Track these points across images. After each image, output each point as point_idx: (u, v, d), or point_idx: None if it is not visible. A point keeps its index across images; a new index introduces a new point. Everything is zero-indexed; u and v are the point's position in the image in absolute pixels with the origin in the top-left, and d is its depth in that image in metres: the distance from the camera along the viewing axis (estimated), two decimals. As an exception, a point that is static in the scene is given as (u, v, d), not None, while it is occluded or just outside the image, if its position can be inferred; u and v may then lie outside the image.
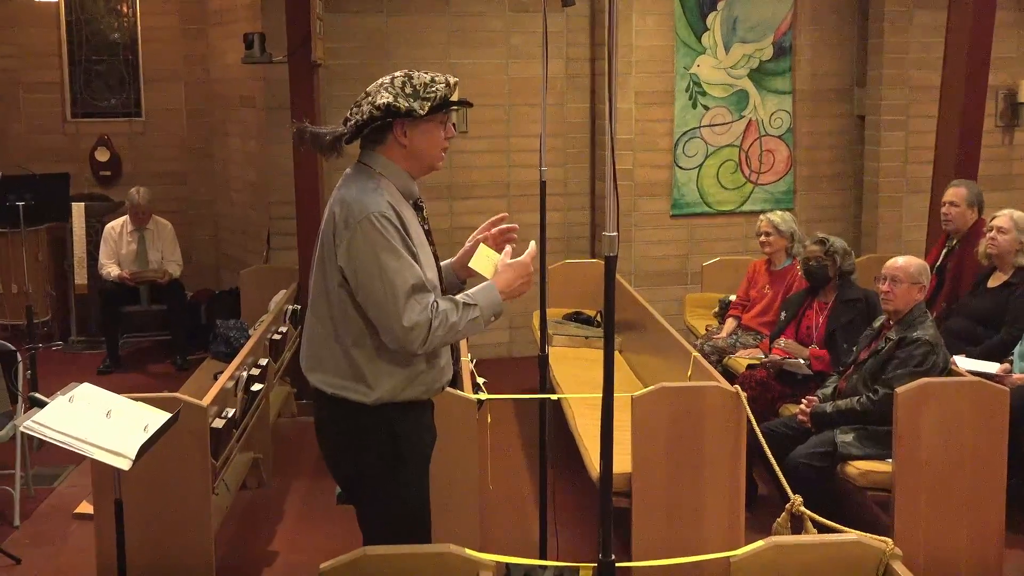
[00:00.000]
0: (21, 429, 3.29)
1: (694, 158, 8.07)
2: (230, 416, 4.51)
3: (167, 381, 7.27)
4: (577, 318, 7.10)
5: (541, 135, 4.45)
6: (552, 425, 4.63)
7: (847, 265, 5.48)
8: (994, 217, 5.42)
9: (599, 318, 6.97)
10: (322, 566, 3.01)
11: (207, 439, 4.16)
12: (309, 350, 3.10)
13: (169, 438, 3.61)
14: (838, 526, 3.64)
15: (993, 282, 5.43)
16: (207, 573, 4.19)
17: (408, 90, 2.97)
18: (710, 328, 6.61)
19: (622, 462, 4.16)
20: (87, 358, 8.12)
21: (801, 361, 5.31)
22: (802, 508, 3.87)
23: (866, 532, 3.36)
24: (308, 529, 5.10)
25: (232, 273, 8.33)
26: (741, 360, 5.84)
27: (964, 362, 4.95)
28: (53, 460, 5.71)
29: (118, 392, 3.58)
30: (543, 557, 4.38)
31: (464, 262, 3.22)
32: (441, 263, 3.21)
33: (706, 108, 8.03)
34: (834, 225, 8.03)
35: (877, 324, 4.94)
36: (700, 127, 8.04)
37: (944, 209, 5.88)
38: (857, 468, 4.51)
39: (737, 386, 4.31)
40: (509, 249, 3.16)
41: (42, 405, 3.32)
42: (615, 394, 2.59)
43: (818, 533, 3.68)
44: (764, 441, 4.26)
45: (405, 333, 2.89)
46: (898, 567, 3.17)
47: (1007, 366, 4.95)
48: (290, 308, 6.65)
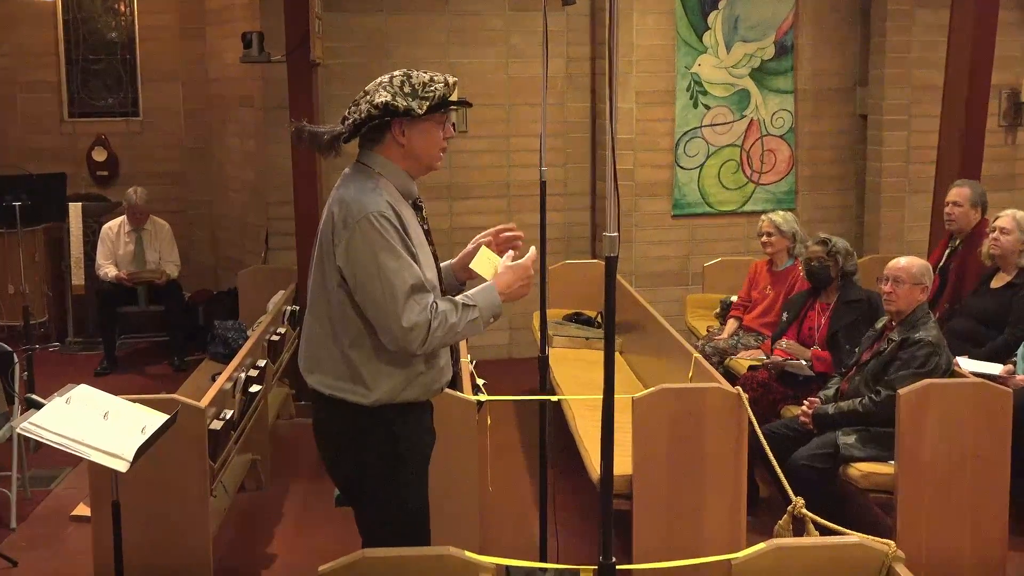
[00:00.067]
0: (18, 431, 3.29)
1: (695, 158, 8.07)
2: (228, 418, 4.51)
3: (165, 382, 7.27)
4: (577, 319, 7.10)
5: (541, 135, 4.45)
6: (552, 427, 4.63)
7: (849, 266, 5.48)
8: (997, 218, 5.42)
9: (599, 319, 6.97)
10: (321, 569, 3.00)
11: (205, 441, 4.16)
12: (307, 351, 3.10)
13: (167, 440, 3.61)
14: (840, 528, 3.63)
15: (996, 283, 5.43)
16: (205, 576, 4.20)
17: (407, 89, 2.98)
18: (711, 329, 6.61)
19: (623, 464, 4.16)
20: (84, 359, 8.12)
21: (803, 362, 5.31)
22: (804, 510, 3.86)
23: (868, 534, 3.36)
24: (307, 531, 5.10)
25: (230, 274, 8.33)
26: (742, 361, 5.84)
27: (967, 363, 4.95)
28: (50, 462, 5.71)
29: (115, 393, 3.59)
30: (543, 559, 4.38)
31: (465, 263, 3.22)
32: (441, 264, 3.22)
33: (707, 108, 8.03)
34: (836, 225, 8.03)
35: (879, 325, 4.94)
36: (701, 127, 8.04)
37: (947, 209, 5.88)
38: (859, 470, 4.51)
39: (738, 387, 4.31)
40: (511, 253, 3.17)
41: (39, 407, 3.32)
42: (616, 395, 2.59)
43: (820, 535, 3.68)
44: (765, 443, 4.26)
45: (404, 333, 2.89)
46: (900, 570, 3.17)
47: (1010, 367, 4.95)
48: (289, 309, 6.65)
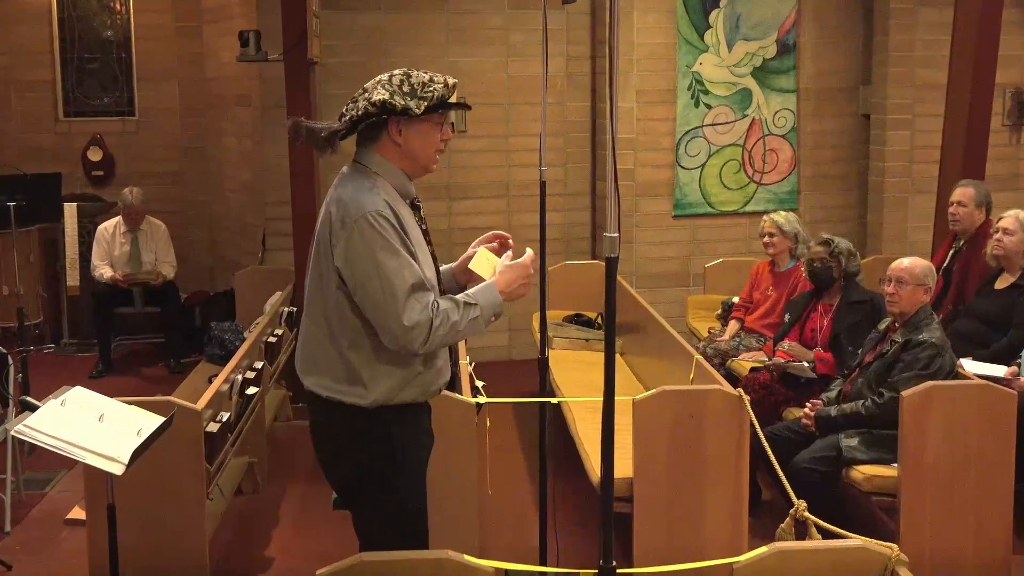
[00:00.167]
0: (12, 433, 3.29)
1: (696, 158, 8.07)
2: (225, 420, 4.51)
3: (161, 384, 7.27)
4: (578, 320, 7.10)
5: (541, 134, 4.45)
6: (552, 429, 4.63)
7: (852, 266, 5.48)
8: (1000, 218, 5.42)
9: (600, 320, 6.97)
10: (318, 572, 3.00)
11: (201, 443, 4.16)
12: (304, 353, 3.10)
13: (163, 442, 3.61)
14: (843, 531, 3.63)
15: (1000, 284, 5.43)
16: (201, 579, 4.20)
17: (406, 88, 2.98)
18: (713, 330, 6.61)
19: (623, 466, 4.16)
20: (79, 361, 8.12)
21: (805, 364, 5.32)
22: (806, 513, 3.86)
23: (871, 538, 3.36)
24: (304, 535, 5.10)
25: (227, 274, 8.33)
26: (744, 363, 5.84)
27: (971, 365, 4.95)
28: (45, 465, 5.71)
29: (111, 395, 3.59)
30: (543, 563, 4.37)
31: (465, 267, 3.23)
32: (442, 267, 3.23)
33: (708, 107, 8.03)
34: (839, 226, 8.02)
35: (882, 326, 4.94)
36: (702, 126, 8.04)
37: (952, 209, 5.87)
38: (862, 472, 4.51)
39: (740, 389, 4.32)
40: (510, 252, 3.18)
41: (33, 409, 3.32)
42: (616, 397, 2.59)
43: (822, 539, 3.68)
44: (767, 445, 4.26)
45: (405, 333, 2.89)
46: (904, 573, 3.17)
47: (1015, 369, 4.95)
48: (286, 310, 6.65)
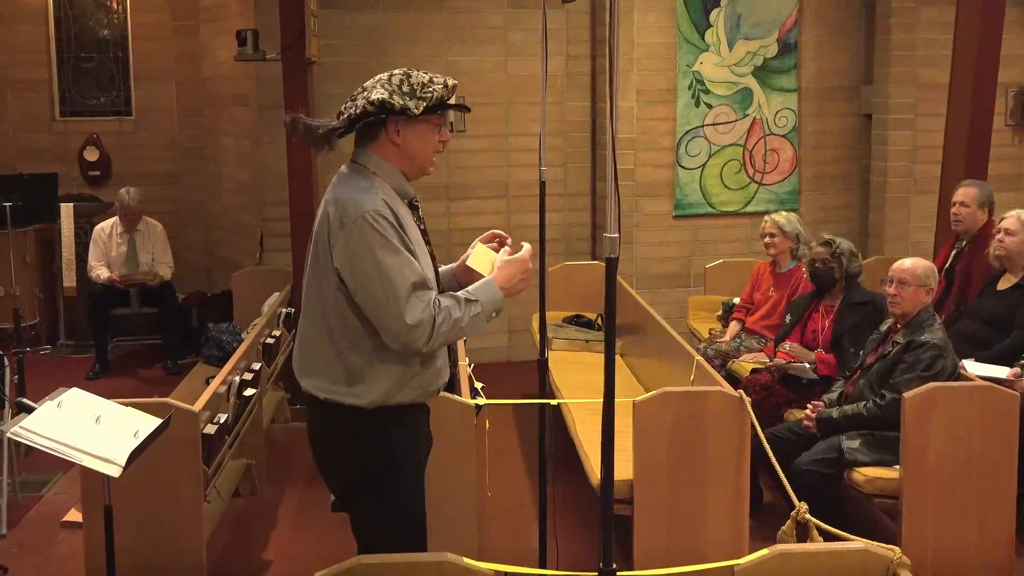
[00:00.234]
0: (8, 435, 3.28)
1: (697, 157, 8.07)
2: (222, 422, 4.51)
3: (158, 386, 7.27)
4: (577, 321, 7.10)
5: (540, 134, 4.45)
6: (552, 431, 4.63)
7: (853, 267, 5.49)
8: (1002, 219, 5.42)
9: (600, 321, 6.97)
10: (316, 575, 3.00)
11: (199, 445, 4.16)
12: (302, 354, 3.10)
13: (160, 444, 3.61)
14: (844, 534, 3.64)
15: (1003, 284, 5.43)
16: (198, 582, 4.20)
17: (405, 88, 2.98)
18: (713, 331, 6.61)
19: (623, 468, 4.16)
20: (76, 362, 8.11)
21: (807, 365, 5.32)
22: (807, 515, 3.87)
23: (873, 540, 3.36)
24: (302, 537, 5.10)
25: (224, 275, 8.33)
26: (745, 364, 5.84)
27: (973, 366, 4.95)
28: (41, 467, 5.71)
29: (107, 397, 3.59)
30: (543, 566, 4.37)
31: (465, 266, 3.23)
32: (442, 268, 3.23)
33: (709, 106, 8.04)
34: (840, 226, 8.02)
35: (884, 327, 4.94)
36: (703, 126, 8.04)
37: (954, 210, 5.88)
38: (864, 475, 4.51)
39: (741, 391, 4.31)
40: (507, 248, 3.18)
41: (30, 410, 3.32)
42: (616, 399, 2.59)
43: (824, 541, 3.68)
44: (768, 447, 4.26)
45: (408, 331, 2.89)
46: (905, 576, 3.18)
47: (1017, 370, 4.95)
48: (284, 311, 6.65)
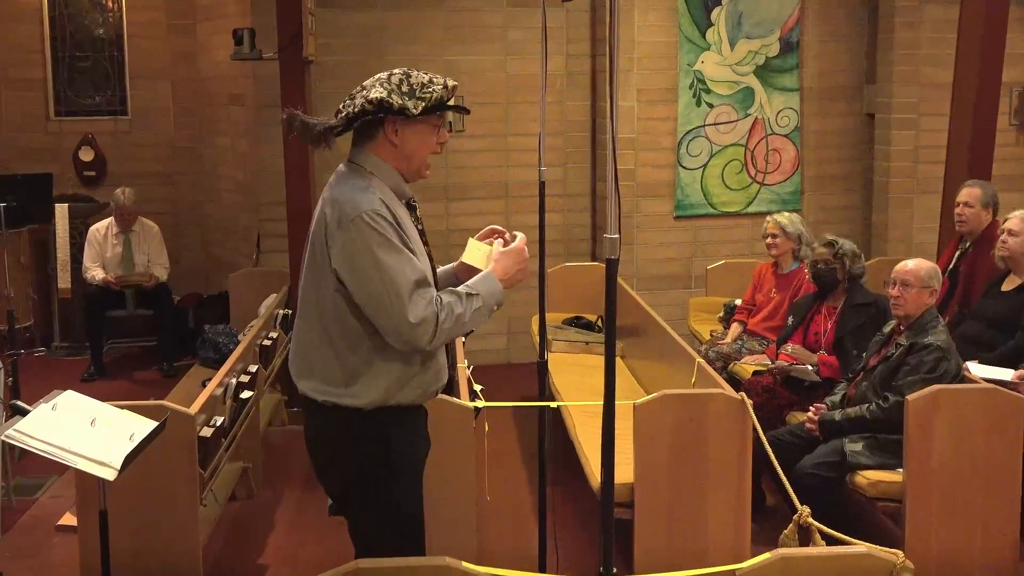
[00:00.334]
0: (2, 438, 3.28)
1: (698, 158, 8.07)
2: (219, 424, 4.51)
3: (153, 388, 7.27)
4: (577, 323, 7.10)
5: (540, 134, 4.45)
6: (551, 433, 4.63)
7: (856, 268, 5.49)
8: (1006, 219, 5.42)
9: (600, 323, 6.97)
10: (314, 579, 3.01)
11: (195, 448, 4.16)
12: (299, 356, 3.10)
13: (155, 447, 3.61)
14: (847, 538, 3.64)
15: (1007, 286, 5.43)
16: (195, 587, 4.20)
17: (404, 88, 2.99)
18: (715, 333, 6.61)
19: (624, 472, 4.16)
20: (70, 364, 8.11)
21: (809, 367, 5.32)
22: (810, 519, 3.87)
23: (876, 544, 3.37)
24: (299, 541, 5.10)
25: (221, 276, 8.33)
26: (747, 366, 5.85)
27: (977, 368, 4.95)
28: (35, 470, 5.70)
29: (103, 400, 3.59)
30: (542, 570, 4.37)
31: (464, 266, 3.23)
32: (441, 267, 3.23)
33: (710, 106, 8.04)
34: (843, 227, 8.03)
35: (887, 329, 4.94)
36: (704, 126, 8.04)
37: (958, 210, 5.88)
38: (867, 478, 4.52)
39: (743, 393, 4.32)
40: (501, 240, 3.18)
41: (24, 413, 3.32)
42: (616, 401, 2.59)
43: (826, 545, 3.69)
44: (770, 450, 4.26)
45: (411, 329, 2.89)
46: (909, 580, 3.18)
47: (1022, 372, 4.95)
48: (281, 313, 6.65)
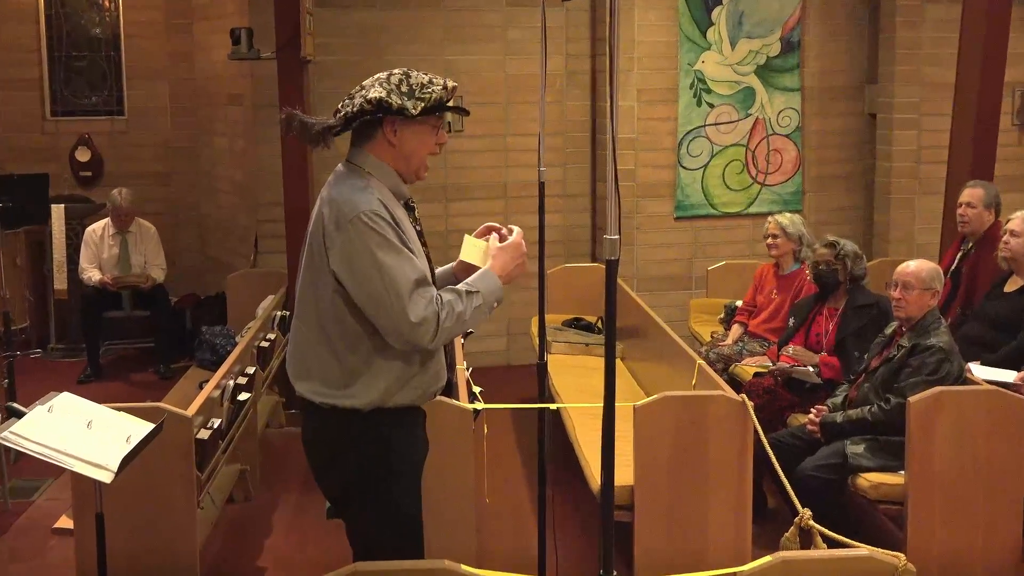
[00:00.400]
0: (-2, 440, 3.28)
1: (699, 158, 8.08)
2: (216, 427, 4.51)
3: (150, 390, 7.27)
4: (577, 324, 7.10)
5: (540, 134, 4.45)
6: (551, 435, 4.63)
7: (858, 269, 5.49)
8: (1009, 220, 5.43)
9: (600, 324, 6.97)
10: (312, 582, 3.01)
11: (192, 451, 4.16)
12: (297, 358, 3.10)
13: (152, 450, 3.61)
14: (849, 541, 3.64)
15: (1010, 287, 5.43)
16: (192, 590, 4.19)
17: (404, 88, 2.99)
18: (715, 335, 6.61)
19: (624, 474, 4.16)
20: (67, 366, 8.11)
21: (810, 369, 5.32)
22: (811, 522, 3.87)
23: (878, 547, 3.37)
24: (297, 544, 5.10)
25: (218, 277, 8.33)
26: (748, 368, 5.85)
27: (980, 370, 4.95)
28: (31, 472, 5.70)
29: (99, 402, 3.58)
30: (542, 573, 4.37)
31: (463, 265, 3.23)
32: (438, 269, 3.23)
33: (711, 106, 8.04)
34: (844, 227, 8.03)
35: (889, 331, 4.94)
36: (705, 126, 8.05)
37: (960, 211, 5.88)
38: (868, 480, 4.52)
39: (743, 395, 4.32)
40: (495, 236, 3.18)
41: (20, 415, 3.32)
42: (617, 403, 2.59)
43: (828, 548, 3.69)
44: (771, 452, 4.26)
45: (413, 329, 2.89)
46: (911, 583, 3.18)
47: (1024, 374, 4.96)
48: (278, 314, 6.65)
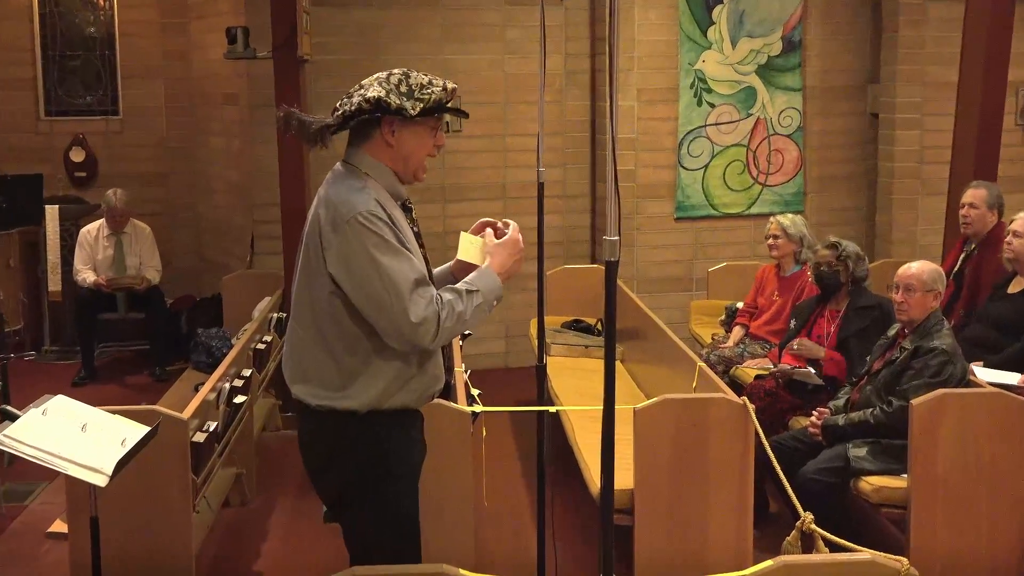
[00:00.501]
0: (-8, 443, 3.28)
1: (699, 158, 8.08)
2: (212, 430, 4.51)
3: (145, 393, 7.26)
4: (577, 326, 7.10)
5: (539, 134, 4.45)
6: (550, 438, 4.63)
7: (860, 271, 5.49)
8: (1012, 220, 5.43)
9: (600, 326, 6.97)
10: (309, 587, 3.01)
11: (187, 454, 4.16)
12: (293, 360, 3.10)
13: (148, 453, 3.60)
14: (851, 545, 3.64)
15: (1013, 288, 5.43)
16: (187, 595, 4.19)
17: (403, 88, 2.99)
18: (716, 337, 6.61)
19: (624, 477, 4.16)
20: (61, 369, 8.11)
21: (811, 371, 5.32)
22: (813, 526, 3.87)
23: (880, 551, 3.37)
24: (294, 548, 5.10)
25: (214, 279, 8.33)
26: (749, 370, 5.85)
27: (983, 373, 4.95)
28: (25, 476, 5.70)
29: (94, 404, 3.58)
30: (541, 577, 4.38)
31: (461, 265, 3.23)
32: (438, 269, 3.23)
33: (712, 106, 8.05)
34: (846, 228, 8.04)
35: (891, 333, 4.94)
36: (705, 126, 8.05)
37: (963, 211, 5.88)
38: (871, 484, 4.52)
39: (744, 397, 4.32)
40: (490, 231, 3.19)
41: (14, 418, 3.32)
42: (616, 406, 2.59)
43: (830, 552, 3.69)
44: (773, 455, 4.26)
45: (414, 330, 2.89)
46: (913, 587, 3.18)
47: (1028, 376, 4.96)
48: (275, 316, 6.65)
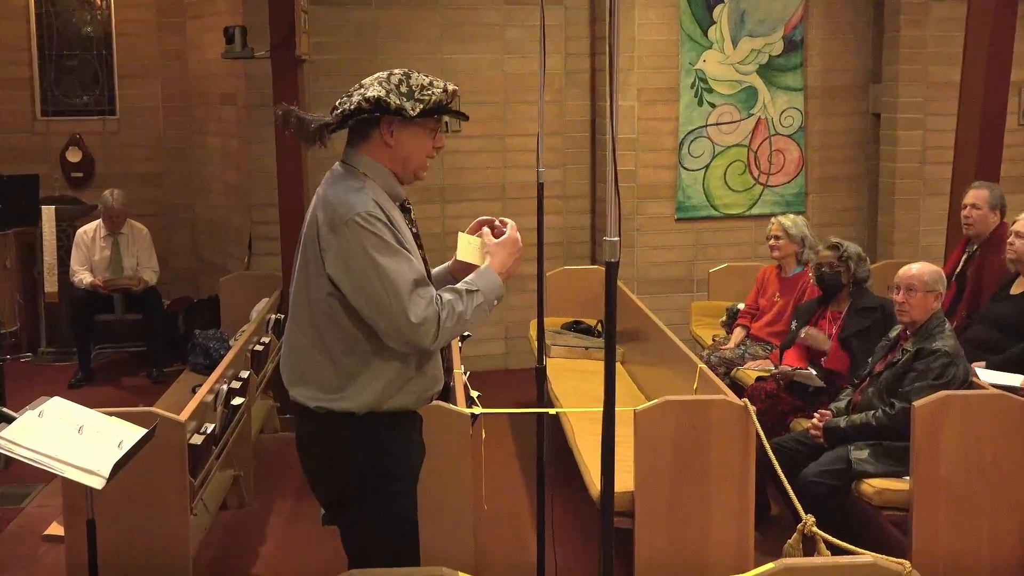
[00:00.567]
0: (-12, 446, 3.28)
1: (700, 158, 8.08)
2: (209, 432, 4.51)
3: (142, 395, 7.26)
4: (577, 328, 7.10)
5: (538, 134, 4.46)
6: (550, 440, 4.63)
7: (862, 272, 5.49)
8: (1014, 221, 5.44)
9: (600, 328, 6.98)
10: (307, 590, 3.01)
11: (185, 456, 4.16)
12: (291, 362, 3.10)
13: (145, 455, 3.60)
14: (852, 547, 3.64)
15: (1016, 289, 5.43)
16: (185, 598, 4.19)
17: (403, 88, 2.99)
18: (717, 338, 6.61)
19: (624, 480, 4.16)
20: (57, 370, 8.11)
21: (812, 372, 5.32)
22: (814, 528, 3.87)
23: (882, 553, 3.36)
24: (292, 551, 5.10)
25: (211, 280, 8.33)
26: (750, 372, 5.85)
27: (985, 374, 4.96)
28: (21, 478, 5.70)
29: (90, 406, 3.58)
30: (541, 580, 4.38)
31: (460, 265, 3.24)
32: (436, 269, 3.23)
33: (712, 106, 8.05)
34: (848, 229, 8.04)
35: (893, 334, 4.94)
36: (706, 126, 8.05)
37: (965, 212, 5.88)
38: (873, 486, 4.52)
39: (746, 399, 4.32)
40: (487, 230, 3.20)
41: (10, 420, 3.31)
42: (617, 408, 2.59)
43: (831, 555, 3.68)
44: (774, 457, 4.26)
45: (414, 330, 2.90)
46: (916, 590, 3.17)
47: (1031, 378, 4.96)
48: (273, 317, 6.65)
